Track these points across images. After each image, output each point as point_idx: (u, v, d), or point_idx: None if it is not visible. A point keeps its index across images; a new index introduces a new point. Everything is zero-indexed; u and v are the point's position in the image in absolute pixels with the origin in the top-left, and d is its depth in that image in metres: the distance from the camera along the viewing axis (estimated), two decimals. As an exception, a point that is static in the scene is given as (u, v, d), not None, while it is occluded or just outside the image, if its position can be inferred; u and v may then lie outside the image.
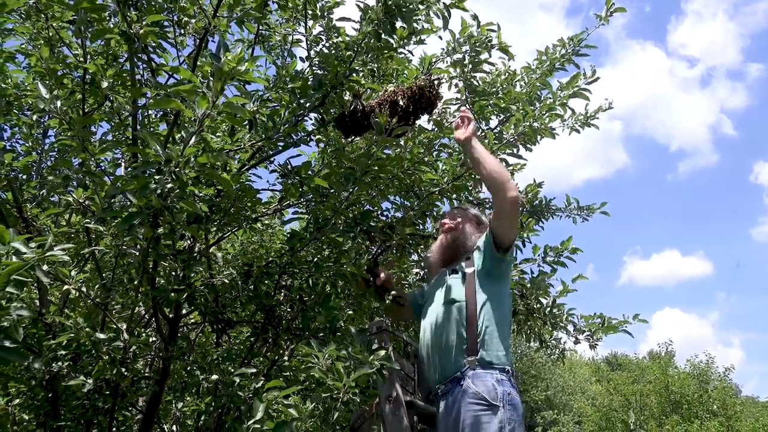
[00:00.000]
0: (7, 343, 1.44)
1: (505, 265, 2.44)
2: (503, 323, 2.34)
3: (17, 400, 2.51)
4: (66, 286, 2.12)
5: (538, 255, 3.27)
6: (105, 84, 2.33)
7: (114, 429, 2.56)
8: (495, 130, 3.24)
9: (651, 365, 22.93)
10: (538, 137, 3.09)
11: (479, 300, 2.34)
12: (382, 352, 1.92)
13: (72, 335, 2.15)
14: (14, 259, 1.47)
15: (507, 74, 3.39)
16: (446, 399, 2.24)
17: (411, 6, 2.10)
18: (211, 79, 1.61)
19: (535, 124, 2.98)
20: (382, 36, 2.15)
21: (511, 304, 2.49)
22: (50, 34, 2.57)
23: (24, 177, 2.82)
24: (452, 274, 2.48)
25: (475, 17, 2.66)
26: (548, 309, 3.25)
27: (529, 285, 3.21)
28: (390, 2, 2.06)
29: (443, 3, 2.24)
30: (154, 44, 2.30)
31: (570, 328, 3.28)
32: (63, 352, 2.22)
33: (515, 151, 3.15)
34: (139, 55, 2.28)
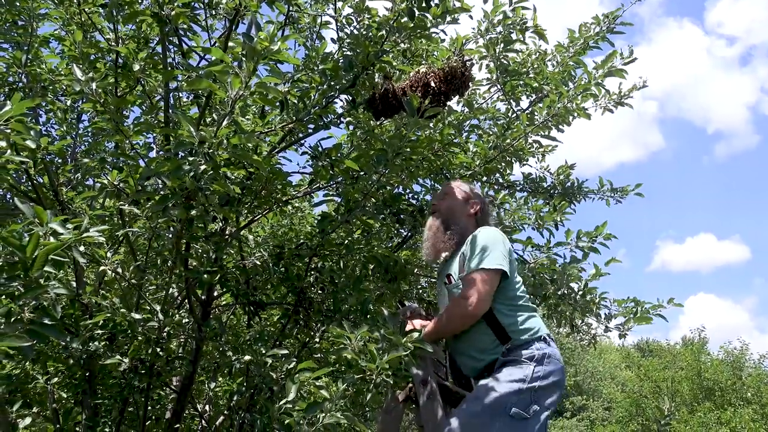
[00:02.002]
0: (45, 320, 1.46)
1: None
2: (519, 300, 2.29)
3: (56, 379, 2.57)
4: (102, 267, 2.16)
5: (571, 239, 3.23)
6: (137, 67, 2.34)
7: (149, 407, 2.61)
8: (527, 111, 3.18)
9: (683, 351, 22.60)
10: (571, 118, 3.03)
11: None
12: (415, 335, 1.91)
13: (108, 315, 2.19)
14: (52, 239, 1.49)
15: (538, 53, 3.33)
16: (485, 379, 2.20)
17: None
18: (243, 59, 1.60)
19: (569, 105, 2.92)
20: (416, 13, 2.11)
21: (516, 268, 2.37)
22: (83, 18, 2.59)
23: (59, 161, 2.87)
24: (448, 283, 2.36)
25: (508, -4, 2.61)
26: (579, 294, 3.21)
27: (560, 269, 3.17)
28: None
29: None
30: (185, 27, 2.30)
31: (602, 313, 3.24)
32: (99, 332, 2.26)
33: (548, 132, 3.10)
34: (170, 38, 2.28)
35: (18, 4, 2.49)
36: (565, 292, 3.19)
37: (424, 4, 2.08)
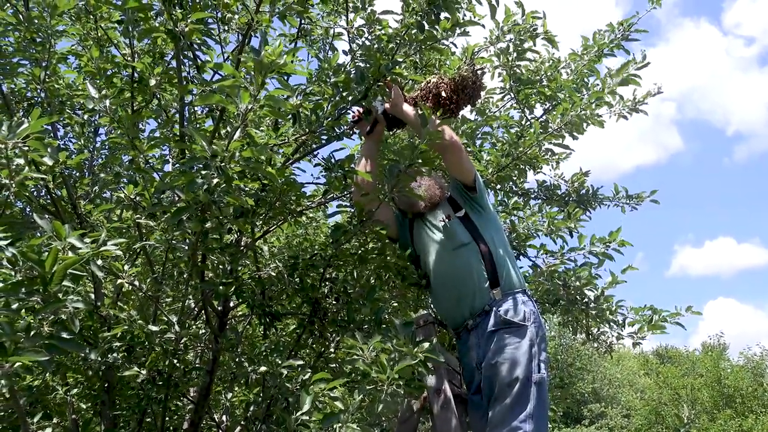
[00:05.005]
0: (64, 335, 1.49)
1: (482, 198, 2.56)
2: (508, 247, 2.55)
3: (75, 390, 2.60)
4: (119, 280, 2.19)
5: (585, 244, 3.21)
6: (153, 82, 2.38)
7: (167, 418, 2.63)
8: (540, 119, 3.18)
9: (702, 358, 22.30)
10: (585, 125, 3.03)
11: (485, 235, 2.48)
12: (427, 344, 1.91)
13: (126, 327, 2.21)
14: (70, 254, 1.51)
15: (552, 61, 3.33)
16: (477, 330, 2.39)
17: (456, -2, 2.08)
18: (253, 73, 1.63)
19: (583, 113, 2.91)
20: (426, 27, 2.13)
21: (503, 226, 2.74)
22: (99, 34, 2.64)
23: (77, 174, 2.92)
24: (448, 220, 2.54)
25: (519, 5, 2.62)
26: (593, 302, 3.18)
27: (571, 273, 3.16)
28: (434, -8, 2.04)
29: (492, -6, 2.20)
30: (199, 41, 2.33)
31: (619, 319, 3.21)
32: (118, 344, 2.29)
33: (561, 140, 3.09)
34: (185, 52, 2.31)
35: (36, 21, 2.53)
36: (578, 297, 3.18)
37: (433, 18, 2.10)
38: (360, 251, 2.61)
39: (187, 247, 2.19)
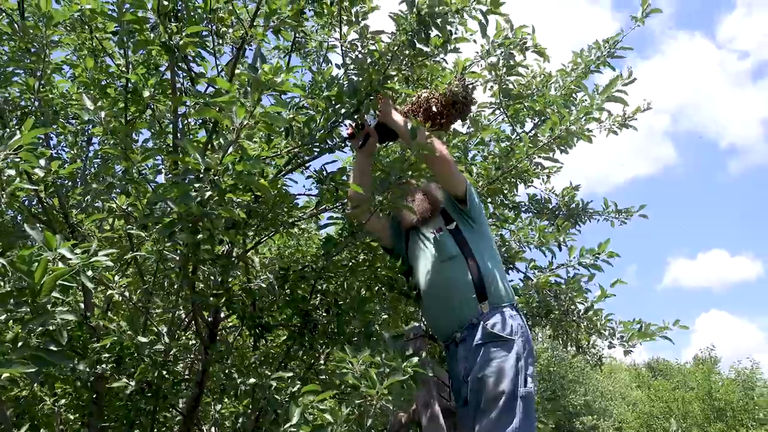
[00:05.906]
0: (52, 347, 1.49)
1: (474, 211, 2.59)
2: (498, 261, 2.56)
3: (63, 401, 2.58)
4: (110, 291, 2.18)
5: (574, 257, 3.23)
6: (146, 93, 2.39)
7: (155, 429, 2.61)
8: (530, 134, 3.21)
9: (693, 371, 22.35)
10: (575, 140, 3.06)
11: (474, 249, 2.49)
12: (415, 359, 1.92)
13: (115, 338, 2.21)
14: (60, 264, 1.52)
15: (542, 76, 3.36)
16: (464, 343, 2.39)
17: (445, 15, 2.10)
18: (249, 89, 1.64)
19: (572, 128, 2.94)
20: (417, 45, 2.15)
21: (494, 239, 2.74)
22: (94, 45, 2.65)
23: (69, 184, 2.91)
24: (438, 233, 2.56)
25: (508, 21, 2.65)
26: (584, 312, 3.21)
27: (564, 286, 3.18)
28: (423, 12, 2.07)
29: (480, 10, 2.23)
30: (193, 54, 2.35)
31: (606, 333, 3.24)
32: (107, 355, 2.28)
33: (551, 154, 3.12)
34: (179, 64, 2.33)
35: (32, 31, 2.54)
36: (571, 307, 3.21)
37: (423, 36, 2.12)
38: (351, 263, 2.62)
39: (178, 258, 2.19)
